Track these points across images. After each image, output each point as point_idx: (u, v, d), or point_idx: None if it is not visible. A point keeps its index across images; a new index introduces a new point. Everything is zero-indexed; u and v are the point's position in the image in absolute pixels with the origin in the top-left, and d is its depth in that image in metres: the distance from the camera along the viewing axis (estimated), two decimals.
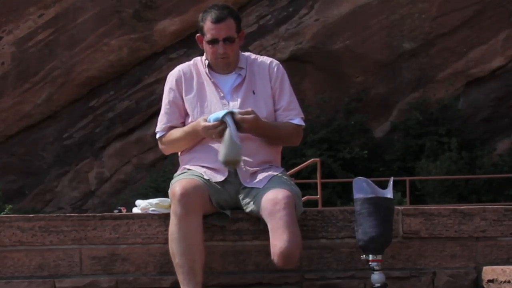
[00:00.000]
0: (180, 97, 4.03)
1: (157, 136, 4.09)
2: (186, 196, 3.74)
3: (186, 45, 17.69)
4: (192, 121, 3.98)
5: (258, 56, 4.12)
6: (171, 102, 4.03)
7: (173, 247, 3.75)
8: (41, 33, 17.74)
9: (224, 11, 3.96)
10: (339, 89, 17.56)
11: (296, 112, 4.05)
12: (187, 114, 4.03)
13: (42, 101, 17.88)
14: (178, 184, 3.81)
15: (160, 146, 4.10)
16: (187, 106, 4.01)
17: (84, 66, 17.77)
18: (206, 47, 4.00)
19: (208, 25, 3.95)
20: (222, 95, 4.00)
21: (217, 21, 3.94)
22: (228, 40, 3.95)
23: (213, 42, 3.95)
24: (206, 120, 3.86)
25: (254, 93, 3.99)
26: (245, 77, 4.03)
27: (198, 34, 4.05)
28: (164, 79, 4.26)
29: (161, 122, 4.06)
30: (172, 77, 4.08)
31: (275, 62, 4.10)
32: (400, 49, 17.60)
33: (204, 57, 4.09)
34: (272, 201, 3.76)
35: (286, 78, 4.07)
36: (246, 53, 4.11)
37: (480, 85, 17.70)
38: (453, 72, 17.59)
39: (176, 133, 4.00)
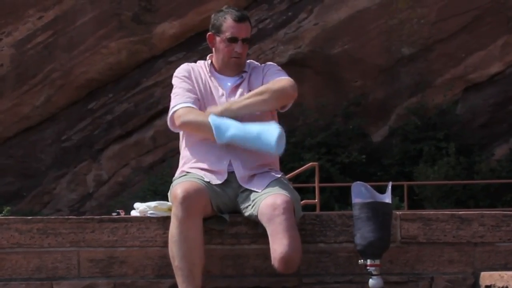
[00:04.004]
0: (193, 84, 4.03)
1: (182, 105, 3.93)
2: (188, 198, 3.75)
3: (185, 48, 17.69)
4: None
5: (259, 63, 4.17)
6: (190, 85, 4.00)
7: (173, 249, 3.75)
8: (40, 35, 17.74)
9: (244, 13, 4.03)
10: (338, 94, 17.57)
11: (279, 75, 3.99)
12: None
13: (41, 103, 17.88)
14: (179, 186, 3.81)
15: (181, 116, 3.93)
16: None
17: (83, 68, 17.77)
18: (221, 45, 4.01)
19: (229, 23, 3.98)
20: (221, 93, 4.02)
21: (239, 20, 3.98)
22: (246, 41, 4.00)
23: (232, 40, 3.98)
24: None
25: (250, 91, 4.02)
26: (245, 79, 4.07)
27: (210, 33, 4.06)
28: (162, 82, 4.28)
29: (183, 96, 3.96)
30: (184, 68, 4.09)
31: (269, 62, 4.17)
32: (399, 54, 17.61)
33: (208, 60, 4.11)
34: (271, 206, 3.76)
35: (275, 67, 4.08)
36: (249, 60, 4.15)
37: (479, 90, 17.72)
38: (452, 78, 17.60)
39: (204, 115, 3.91)
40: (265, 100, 3.94)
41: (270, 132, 3.83)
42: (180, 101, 3.97)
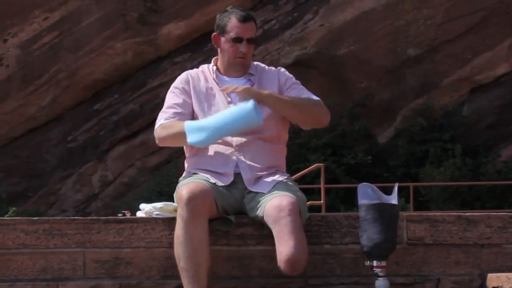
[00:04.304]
0: (189, 96, 4.03)
1: (159, 123, 3.98)
2: (193, 199, 3.74)
3: (190, 49, 17.70)
4: None
5: (266, 66, 4.15)
6: (180, 99, 4.00)
7: (179, 250, 3.74)
8: (46, 36, 17.77)
9: (249, 13, 4.03)
10: (343, 95, 17.56)
11: (311, 94, 4.02)
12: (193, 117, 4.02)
13: (47, 104, 17.90)
14: (185, 187, 3.80)
15: (157, 133, 3.99)
16: (195, 107, 4.01)
17: (88, 69, 17.79)
18: (226, 45, 4.00)
19: (234, 23, 3.98)
20: (229, 99, 4.00)
21: (244, 20, 3.98)
22: (250, 41, 3.99)
23: (237, 40, 3.97)
24: None
25: None
26: (254, 82, 4.04)
27: (215, 33, 4.06)
28: (168, 83, 4.26)
29: (166, 112, 3.99)
30: (180, 79, 4.09)
31: (282, 68, 4.15)
32: (405, 55, 17.59)
33: (212, 64, 4.10)
34: (277, 207, 3.75)
35: (294, 78, 4.10)
36: (255, 62, 4.13)
37: (485, 91, 17.70)
38: (458, 79, 17.58)
39: (178, 124, 3.94)
40: (308, 113, 3.95)
41: (246, 110, 3.80)
42: (159, 119, 4.00)
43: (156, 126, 4.00)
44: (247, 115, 3.78)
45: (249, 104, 3.78)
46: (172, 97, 4.05)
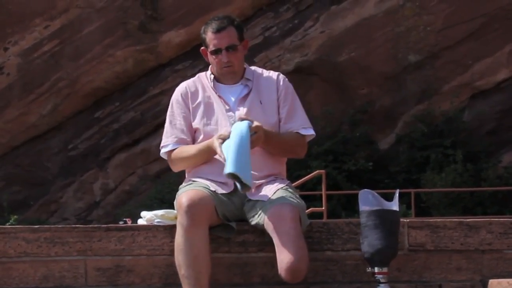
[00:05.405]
0: (188, 110, 4.03)
1: (165, 150, 4.02)
2: (193, 207, 3.74)
3: (191, 56, 17.71)
4: (202, 136, 3.97)
5: (265, 70, 4.14)
6: (180, 116, 4.02)
7: (179, 258, 3.75)
8: (46, 44, 17.78)
9: (224, 20, 4.02)
10: (344, 101, 17.57)
11: (300, 123, 4.01)
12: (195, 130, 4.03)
13: (47, 112, 17.91)
14: (184, 195, 3.81)
15: (169, 162, 4.04)
16: (194, 117, 4.01)
17: (89, 77, 17.80)
18: (211, 58, 4.04)
19: (209, 36, 4.00)
20: (227, 108, 4.01)
21: (217, 30, 3.99)
22: (230, 48, 3.98)
23: (216, 52, 3.99)
24: (220, 138, 3.84)
25: (261, 103, 4.01)
26: (252, 88, 4.04)
27: (202, 48, 4.08)
28: (169, 91, 4.28)
29: (170, 135, 4.01)
30: (178, 92, 4.09)
31: (282, 75, 4.13)
32: (405, 61, 17.60)
33: (209, 72, 4.11)
34: (277, 216, 3.75)
35: (292, 91, 4.08)
36: (253, 67, 4.13)
37: (486, 97, 17.70)
38: (458, 85, 17.59)
39: (189, 150, 3.96)
40: (289, 151, 4.02)
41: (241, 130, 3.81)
42: (166, 143, 4.01)
43: (163, 150, 4.02)
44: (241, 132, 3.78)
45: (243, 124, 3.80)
46: (172, 115, 4.05)
